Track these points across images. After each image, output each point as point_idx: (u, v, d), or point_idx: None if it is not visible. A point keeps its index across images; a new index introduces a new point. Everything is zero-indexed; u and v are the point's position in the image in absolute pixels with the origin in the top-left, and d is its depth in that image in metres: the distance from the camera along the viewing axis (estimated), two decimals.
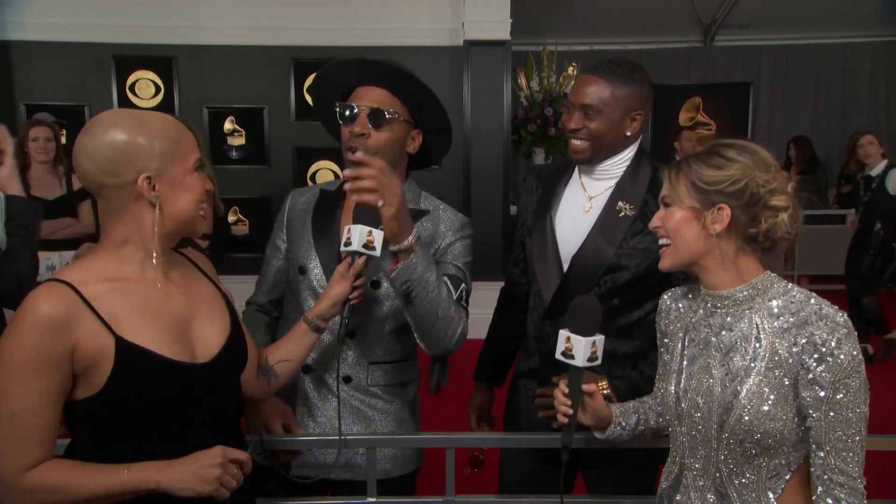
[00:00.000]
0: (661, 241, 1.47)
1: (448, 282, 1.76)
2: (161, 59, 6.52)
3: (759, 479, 1.39)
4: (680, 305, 1.55)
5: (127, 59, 6.50)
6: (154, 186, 1.30)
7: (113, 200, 1.31)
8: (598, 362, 1.54)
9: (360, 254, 1.62)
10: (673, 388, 1.49)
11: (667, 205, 1.45)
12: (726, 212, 1.37)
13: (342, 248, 1.65)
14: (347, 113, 1.79)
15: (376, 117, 1.78)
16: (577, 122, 1.86)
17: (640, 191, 1.88)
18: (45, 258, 2.03)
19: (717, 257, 1.39)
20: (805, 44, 9.17)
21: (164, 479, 1.27)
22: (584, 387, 1.53)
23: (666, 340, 1.57)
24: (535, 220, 1.99)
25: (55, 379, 1.23)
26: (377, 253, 1.62)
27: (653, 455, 1.82)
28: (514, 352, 2.19)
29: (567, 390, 1.53)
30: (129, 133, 1.29)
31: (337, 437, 1.71)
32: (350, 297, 1.63)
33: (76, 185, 4.58)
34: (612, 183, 1.92)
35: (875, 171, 5.58)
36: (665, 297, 1.60)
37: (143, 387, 1.29)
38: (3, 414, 1.22)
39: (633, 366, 1.91)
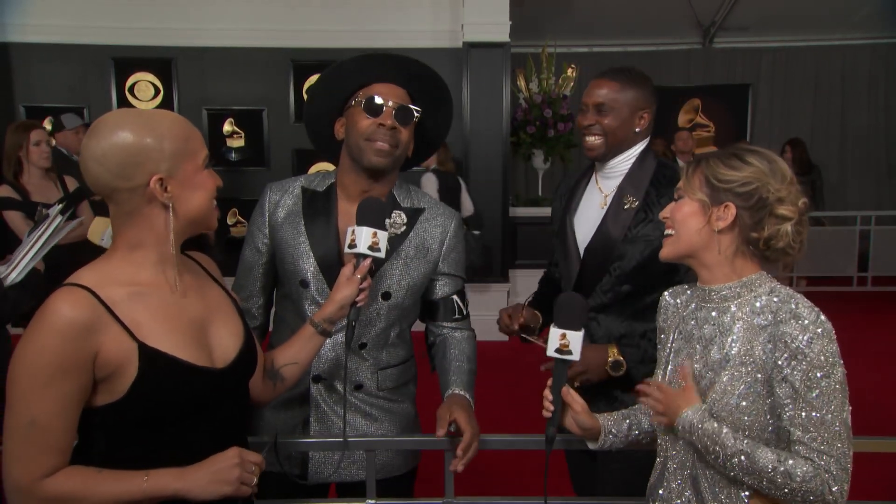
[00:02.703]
0: (666, 231, 1.51)
1: (458, 302, 1.91)
2: (160, 61, 6.53)
3: (732, 477, 1.40)
4: (677, 301, 1.59)
5: (126, 61, 6.51)
6: (166, 188, 1.29)
7: (125, 204, 1.29)
8: (575, 358, 1.57)
9: (366, 256, 1.61)
10: (660, 379, 1.53)
11: (679, 197, 1.48)
12: (732, 211, 1.40)
13: (346, 250, 1.64)
14: (372, 107, 1.76)
15: (404, 115, 1.78)
16: (591, 118, 2.04)
17: (643, 185, 2.03)
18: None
19: (715, 253, 1.43)
20: (804, 45, 9.17)
21: (183, 487, 1.27)
22: (570, 400, 1.58)
23: (662, 336, 1.60)
24: (562, 220, 2.17)
25: (76, 385, 1.22)
26: (382, 255, 1.62)
27: None
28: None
29: (546, 393, 1.58)
30: (139, 135, 1.26)
31: (340, 440, 1.73)
32: (357, 299, 1.62)
33: (70, 186, 4.52)
34: (621, 179, 2.07)
35: None
36: (666, 294, 1.64)
37: (167, 393, 1.28)
38: (23, 419, 1.20)
39: (642, 335, 2.02)
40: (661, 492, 1.54)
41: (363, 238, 1.59)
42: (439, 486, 1.79)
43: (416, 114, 1.79)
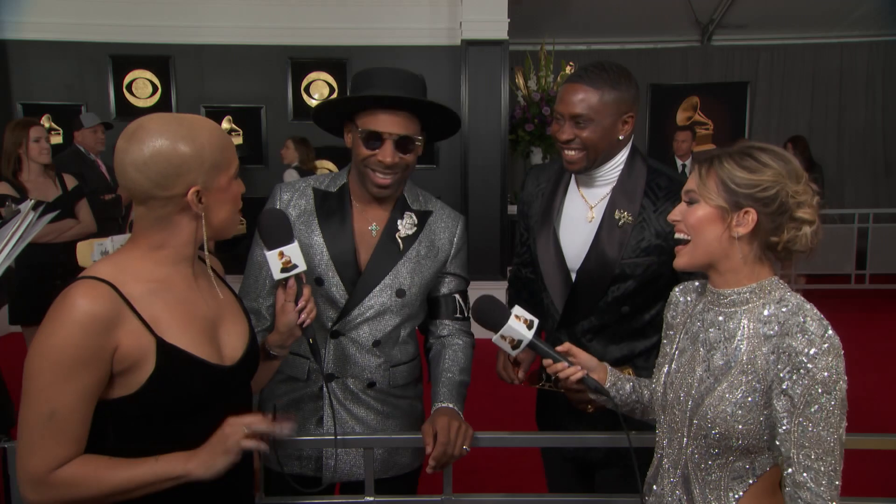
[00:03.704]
0: (677, 236, 1.45)
1: (460, 301, 1.92)
2: (158, 59, 6.53)
3: (722, 479, 1.40)
4: (688, 298, 1.56)
5: (124, 59, 6.50)
6: (201, 199, 1.31)
7: (157, 210, 1.31)
8: (538, 321, 1.56)
9: (287, 278, 1.55)
10: (663, 377, 1.51)
11: (691, 200, 1.42)
12: (752, 216, 1.35)
13: (272, 277, 1.59)
14: (372, 139, 1.75)
15: (405, 145, 1.77)
16: (569, 132, 1.81)
17: (637, 196, 1.85)
18: (98, 244, 2.04)
19: (732, 261, 1.38)
20: (802, 43, 9.18)
21: (191, 466, 1.28)
22: (575, 351, 1.57)
23: (671, 332, 1.58)
24: (540, 230, 1.98)
25: (95, 377, 1.23)
26: (301, 266, 1.55)
27: None
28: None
29: (559, 367, 1.55)
30: (182, 145, 1.27)
31: (331, 437, 1.73)
32: (300, 320, 1.57)
33: (69, 184, 4.51)
34: (610, 189, 1.90)
35: None
36: (676, 289, 1.61)
37: (181, 388, 1.30)
38: (42, 411, 1.22)
39: (639, 354, 1.94)
40: (655, 487, 1.54)
41: (272, 263, 1.54)
42: (437, 483, 1.80)
43: (417, 142, 1.78)
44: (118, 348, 1.24)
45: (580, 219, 1.93)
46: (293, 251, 1.53)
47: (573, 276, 1.91)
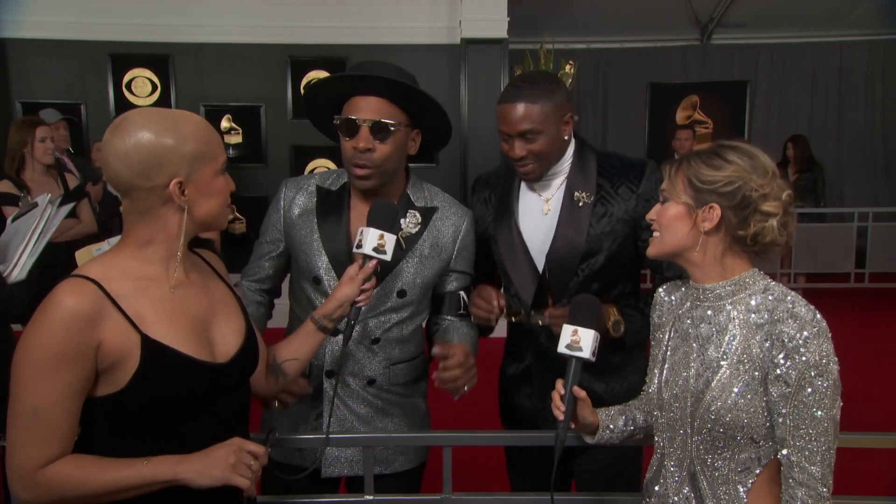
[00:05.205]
0: (654, 234, 1.51)
1: (464, 298, 1.92)
2: (158, 57, 6.51)
3: (730, 472, 1.43)
4: (672, 298, 1.60)
5: (124, 57, 6.49)
6: (184, 191, 1.31)
7: (141, 202, 1.31)
8: (594, 359, 1.57)
9: (371, 257, 1.61)
10: (657, 378, 1.54)
11: (664, 200, 1.48)
12: (717, 211, 1.41)
13: (354, 250, 1.65)
14: (348, 126, 1.76)
15: (379, 130, 1.75)
16: (521, 149, 1.88)
17: (591, 178, 1.95)
18: (96, 248, 2.08)
19: (702, 253, 1.44)
20: (802, 42, 9.18)
21: (181, 470, 1.28)
22: (574, 389, 1.56)
23: (658, 334, 1.61)
24: (498, 228, 2.03)
25: (79, 374, 1.24)
26: (388, 257, 1.62)
27: (640, 452, 1.86)
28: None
29: (563, 392, 1.56)
30: (163, 136, 1.28)
31: (323, 437, 1.73)
32: (357, 299, 1.62)
33: (71, 184, 4.52)
34: (562, 179, 1.98)
35: None
36: (661, 290, 1.64)
37: (167, 385, 1.30)
38: (26, 408, 1.22)
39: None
40: (657, 488, 1.55)
41: (369, 239, 1.59)
42: (437, 483, 1.80)
43: (391, 127, 1.76)
44: (101, 345, 1.24)
45: (536, 212, 2.00)
46: (391, 240, 1.61)
47: (539, 266, 1.96)
